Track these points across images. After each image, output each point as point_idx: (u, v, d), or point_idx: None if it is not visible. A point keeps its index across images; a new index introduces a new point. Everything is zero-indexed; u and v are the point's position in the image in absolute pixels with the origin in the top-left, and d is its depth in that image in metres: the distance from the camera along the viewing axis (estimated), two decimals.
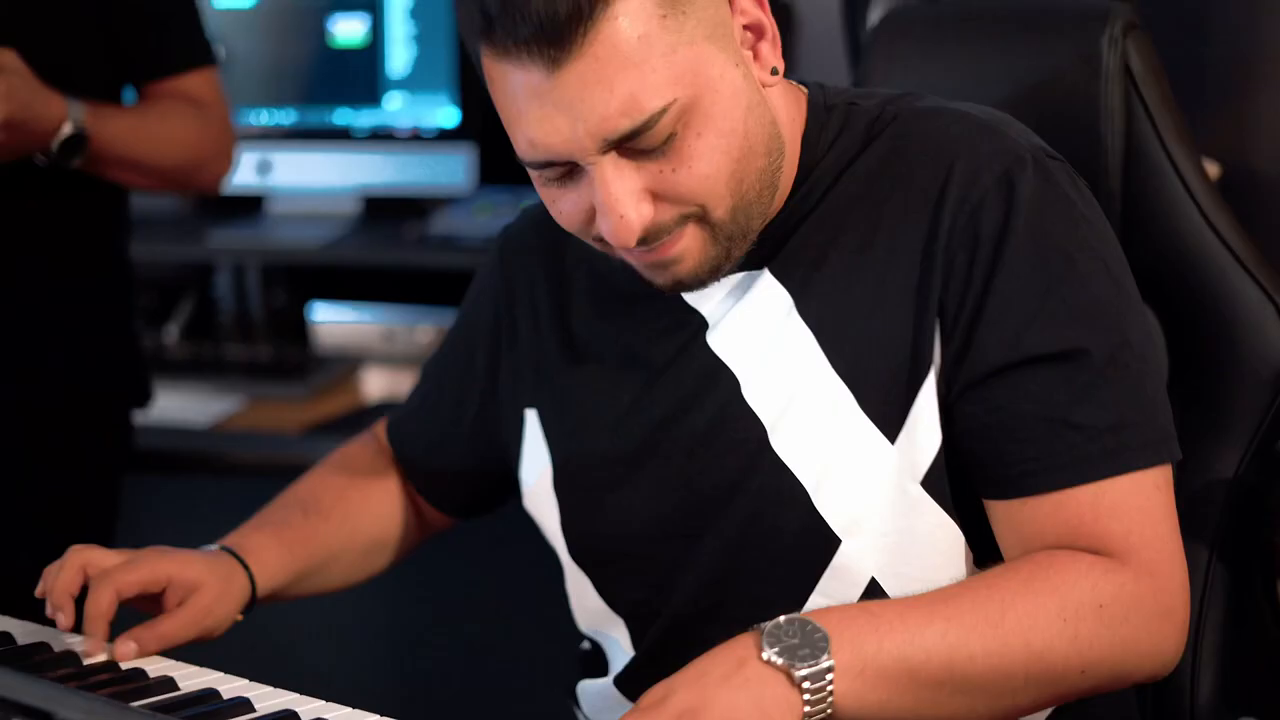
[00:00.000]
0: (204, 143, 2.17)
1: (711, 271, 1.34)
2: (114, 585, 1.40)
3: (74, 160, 2.00)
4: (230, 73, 2.99)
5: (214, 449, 2.52)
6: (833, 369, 1.34)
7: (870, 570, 1.34)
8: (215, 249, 2.97)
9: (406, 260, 2.88)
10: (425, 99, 2.91)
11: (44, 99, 1.95)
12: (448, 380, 1.61)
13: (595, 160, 1.26)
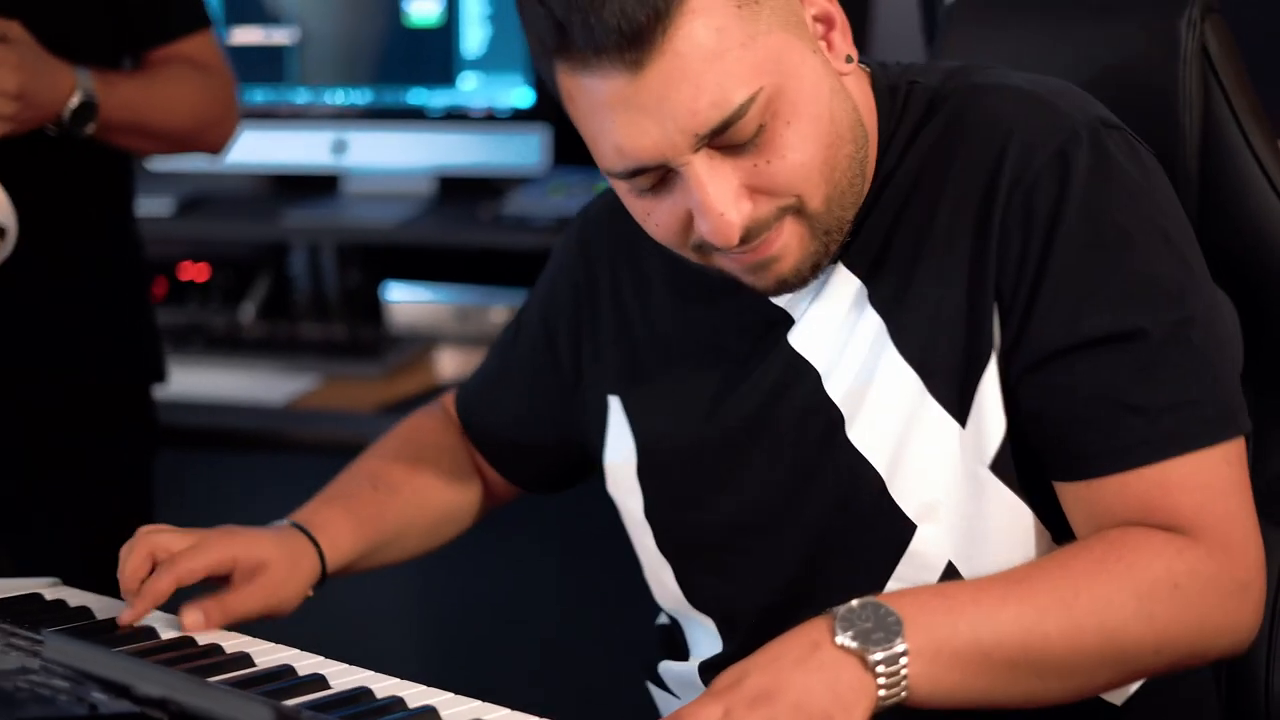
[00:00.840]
0: (210, 105, 2.18)
1: (813, 268, 1.33)
2: (176, 574, 1.42)
3: (85, 128, 2.01)
4: (306, 52, 3.01)
5: (288, 428, 2.54)
6: (901, 355, 1.34)
7: (946, 555, 1.34)
8: (291, 229, 2.99)
9: (480, 240, 2.88)
10: (500, 79, 2.92)
11: (53, 69, 1.96)
12: (523, 358, 1.61)
13: (688, 160, 1.25)
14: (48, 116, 1.97)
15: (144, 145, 2.17)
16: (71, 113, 1.98)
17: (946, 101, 1.38)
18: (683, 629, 1.51)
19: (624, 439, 1.49)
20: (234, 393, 2.63)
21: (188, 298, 3.07)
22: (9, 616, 1.39)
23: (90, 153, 2.10)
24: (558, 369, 1.57)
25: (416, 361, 2.76)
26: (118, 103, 2.03)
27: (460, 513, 1.67)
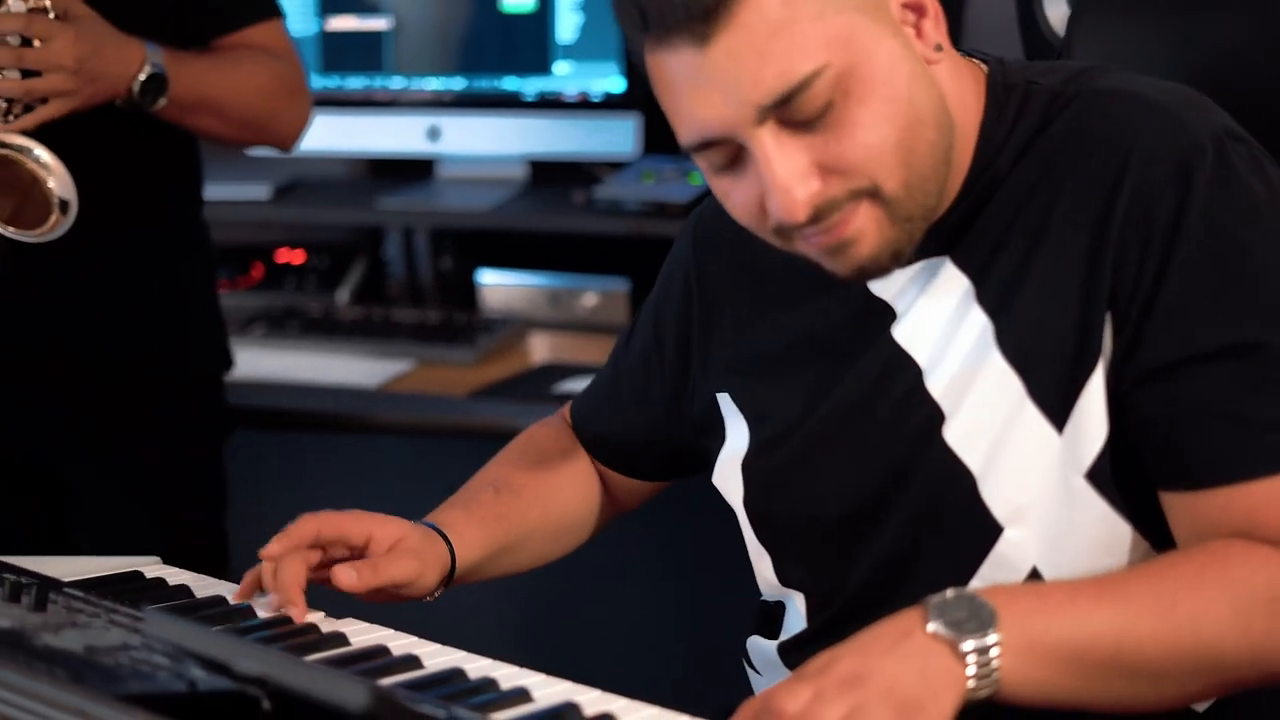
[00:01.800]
0: (279, 86, 2.18)
1: (892, 256, 1.32)
2: (318, 521, 1.45)
3: (155, 102, 2.01)
4: (401, 40, 3.03)
5: (381, 411, 2.56)
6: (1004, 357, 1.34)
7: (1031, 560, 1.34)
8: (385, 214, 3.01)
9: (572, 226, 2.89)
10: (592, 66, 2.93)
11: (117, 42, 1.97)
12: (635, 360, 1.63)
13: (753, 133, 1.26)
14: (116, 90, 1.98)
15: (215, 126, 2.15)
16: (141, 85, 1.98)
17: (1068, 105, 1.37)
18: (783, 610, 1.51)
19: (733, 433, 1.50)
20: (328, 376, 2.65)
21: (284, 282, 3.11)
22: (110, 594, 1.41)
23: (160, 136, 2.11)
24: (667, 367, 1.59)
25: (508, 346, 2.77)
26: (188, 78, 2.04)
27: (582, 520, 1.68)
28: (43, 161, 1.90)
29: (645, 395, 1.62)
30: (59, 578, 1.46)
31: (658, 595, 2.94)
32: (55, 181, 1.90)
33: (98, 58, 1.94)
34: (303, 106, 2.23)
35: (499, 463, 1.67)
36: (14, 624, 1.27)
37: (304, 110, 2.23)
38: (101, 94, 1.97)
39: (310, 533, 1.44)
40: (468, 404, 2.52)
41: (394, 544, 1.47)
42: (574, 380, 2.51)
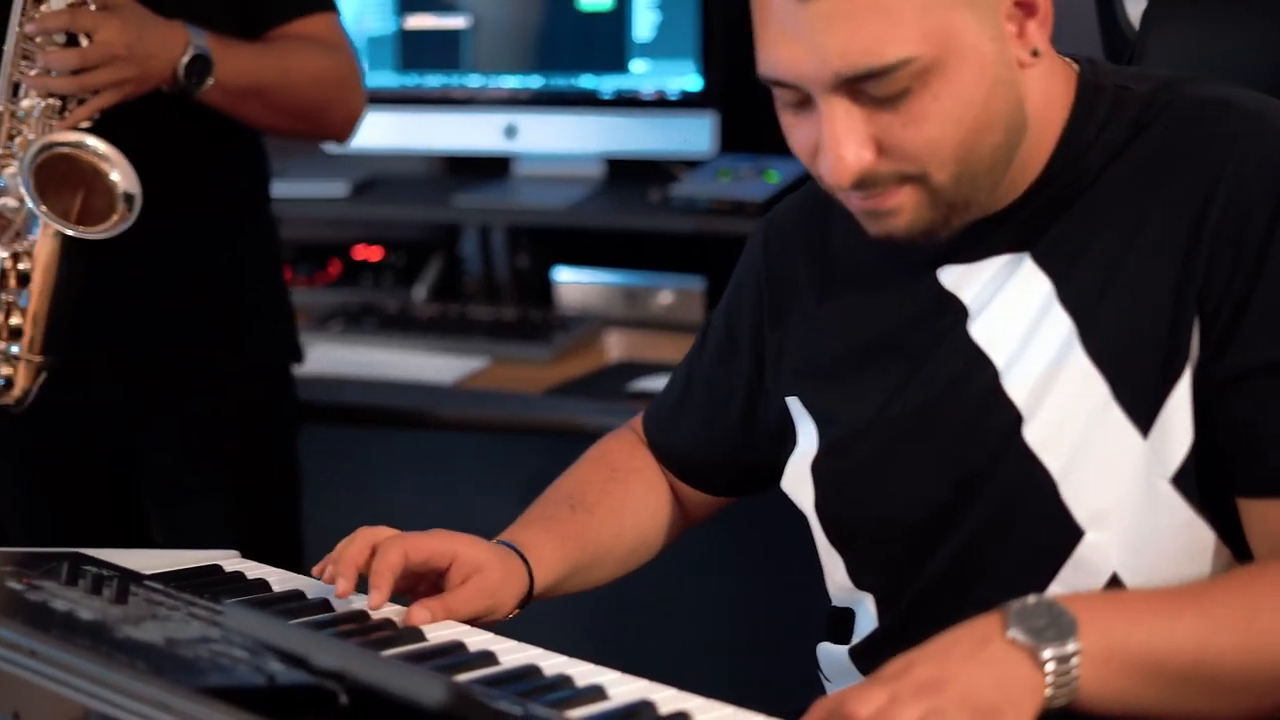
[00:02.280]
0: (332, 74, 2.17)
1: (925, 233, 1.34)
2: (403, 546, 1.43)
3: (201, 85, 2.01)
4: (479, 38, 3.04)
5: (458, 407, 2.57)
6: (1090, 359, 1.33)
7: (1113, 565, 1.33)
8: (462, 211, 3.02)
9: (648, 224, 2.90)
10: (669, 64, 2.92)
11: (161, 27, 1.98)
12: (707, 367, 1.63)
13: (825, 95, 1.28)
14: (163, 75, 1.98)
15: (265, 114, 2.14)
16: (185, 68, 1.99)
17: (1163, 112, 1.36)
18: (853, 616, 1.51)
19: (803, 436, 1.50)
20: (404, 373, 2.67)
21: (361, 279, 3.12)
22: (189, 587, 1.43)
23: (219, 127, 2.12)
24: (741, 374, 1.59)
25: (584, 343, 2.78)
26: (236, 63, 2.04)
27: (654, 536, 1.66)
28: (104, 155, 1.93)
29: (719, 404, 1.61)
30: (139, 570, 1.47)
31: (726, 599, 2.94)
32: (118, 174, 1.93)
33: (144, 43, 1.95)
34: (355, 97, 2.23)
35: (573, 477, 1.66)
36: (96, 616, 1.28)
37: (357, 101, 2.23)
38: (150, 80, 1.98)
39: (397, 563, 1.42)
40: (542, 401, 2.53)
41: (473, 570, 1.45)
42: (648, 378, 2.51)
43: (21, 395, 1.97)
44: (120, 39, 1.93)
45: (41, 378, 1.97)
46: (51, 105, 1.95)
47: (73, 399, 2.05)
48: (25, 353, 1.96)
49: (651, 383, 2.48)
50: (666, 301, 2.93)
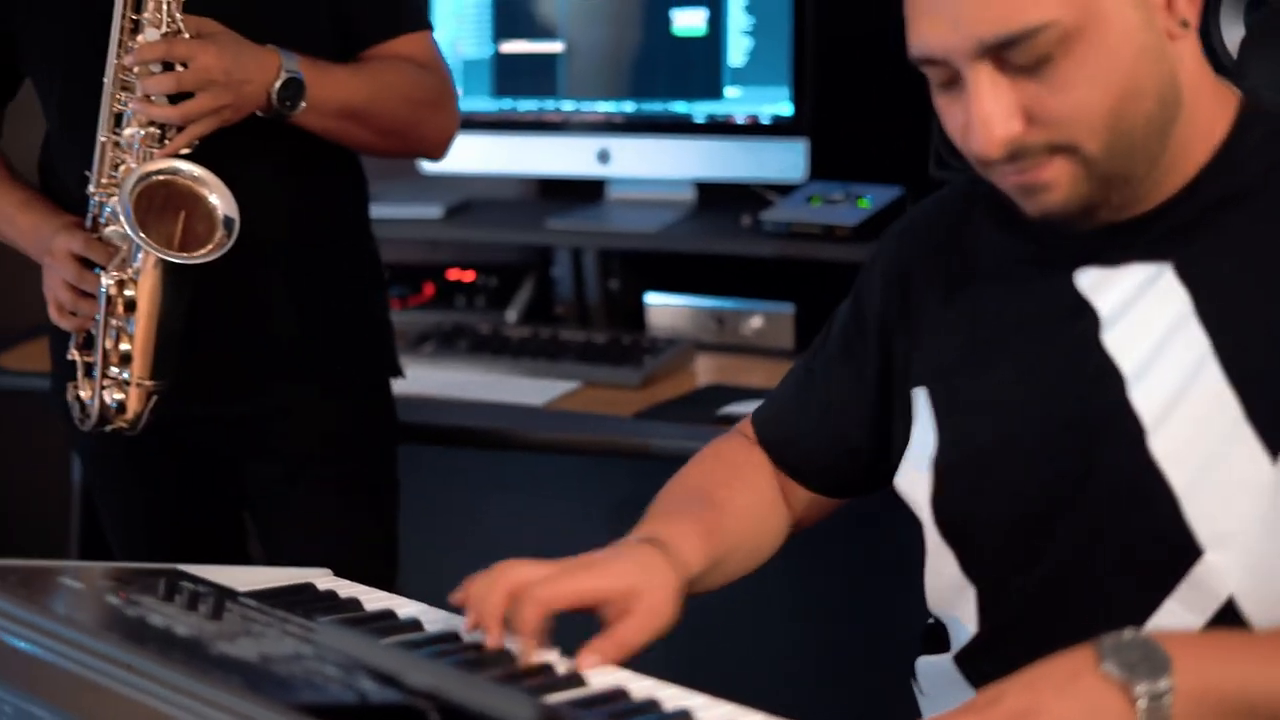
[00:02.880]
0: (425, 94, 2.19)
1: (1083, 210, 1.34)
2: (542, 604, 1.36)
3: (294, 109, 2.04)
4: (573, 63, 3.07)
5: (548, 429, 2.58)
6: (1225, 378, 1.32)
7: (1230, 587, 1.32)
8: (554, 234, 3.04)
9: (739, 248, 2.90)
10: (761, 91, 2.93)
11: (254, 52, 2.01)
12: (831, 364, 1.62)
13: (970, 65, 1.30)
14: (257, 100, 2.01)
15: (359, 135, 2.16)
16: (278, 92, 2.02)
17: None
18: (946, 627, 1.50)
19: (926, 430, 1.49)
20: (496, 394, 2.68)
21: (454, 300, 3.15)
22: (283, 604, 1.45)
23: (320, 149, 2.14)
24: (867, 365, 1.57)
25: (675, 367, 2.78)
26: (329, 86, 2.07)
27: (771, 537, 1.64)
28: (201, 180, 1.96)
29: (842, 399, 1.60)
30: (234, 587, 1.49)
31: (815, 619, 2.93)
32: (217, 198, 1.96)
33: (239, 69, 1.99)
34: (448, 116, 2.24)
35: (696, 474, 1.64)
36: (191, 631, 1.30)
37: (450, 120, 2.25)
38: (246, 106, 2.01)
39: (540, 624, 1.36)
40: (631, 424, 2.54)
41: (630, 599, 1.41)
42: (738, 403, 2.51)
43: (134, 418, 2.01)
44: (217, 65, 1.96)
45: (152, 401, 2.01)
46: (152, 134, 1.98)
47: (179, 417, 2.07)
48: (136, 378, 2.00)
49: (741, 407, 2.48)
50: (756, 326, 2.94)
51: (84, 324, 2.03)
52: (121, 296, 1.99)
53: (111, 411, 2.02)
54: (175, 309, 1.99)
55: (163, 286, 1.97)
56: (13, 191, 2.16)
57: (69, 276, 2.02)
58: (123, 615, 1.36)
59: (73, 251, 2.02)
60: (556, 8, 3.08)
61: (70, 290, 2.03)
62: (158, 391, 2.01)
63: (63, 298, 2.04)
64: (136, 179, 1.94)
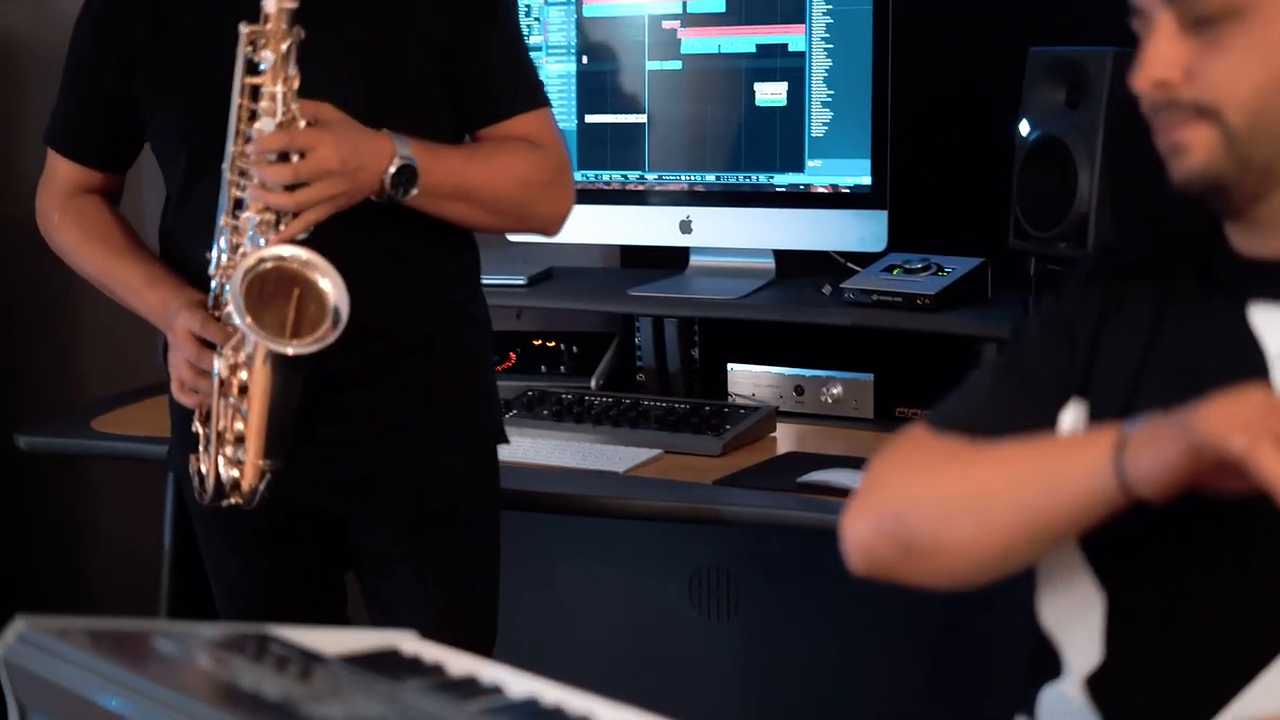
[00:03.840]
0: (538, 174, 2.21)
1: (1217, 184, 1.38)
2: None
3: (407, 193, 2.07)
4: (655, 134, 3.11)
5: (629, 495, 2.60)
6: None
7: None
8: (637, 302, 3.07)
9: (820, 317, 2.92)
10: (842, 162, 2.96)
11: (370, 139, 2.04)
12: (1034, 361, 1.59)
13: (1157, 11, 1.37)
14: (371, 185, 2.04)
15: (472, 215, 2.19)
16: (391, 178, 2.05)
17: None
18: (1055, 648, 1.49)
19: None
20: (578, 460, 2.71)
21: (537, 367, 3.19)
22: (370, 667, 1.47)
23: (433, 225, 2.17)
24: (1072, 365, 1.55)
25: (755, 435, 2.80)
26: (442, 168, 2.10)
27: None
28: (313, 265, 1.98)
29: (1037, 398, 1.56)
30: (322, 649, 1.52)
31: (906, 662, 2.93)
32: (328, 284, 1.97)
33: (356, 157, 2.02)
34: (563, 195, 2.26)
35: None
36: (280, 694, 1.33)
37: (565, 199, 2.27)
38: (360, 193, 2.04)
39: None
40: (712, 491, 2.55)
41: None
42: (818, 471, 2.53)
43: (250, 494, 2.04)
44: (334, 155, 1.99)
45: (267, 477, 2.03)
46: (268, 219, 2.01)
47: (290, 477, 2.10)
48: (250, 458, 2.02)
49: (820, 475, 2.50)
50: (836, 394, 2.96)
51: (203, 401, 2.06)
52: (235, 379, 2.01)
53: (227, 487, 2.04)
54: (288, 393, 2.01)
55: (274, 371, 1.99)
56: (140, 266, 2.21)
57: (189, 355, 2.05)
58: (214, 676, 1.39)
59: (192, 331, 2.05)
60: (640, 81, 3.12)
61: (190, 368, 2.06)
62: (271, 470, 2.03)
63: (184, 375, 2.07)
64: (247, 268, 1.96)
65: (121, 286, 2.22)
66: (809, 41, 2.97)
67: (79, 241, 2.26)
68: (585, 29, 3.16)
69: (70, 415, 3.12)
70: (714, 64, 3.07)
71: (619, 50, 3.14)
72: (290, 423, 2.02)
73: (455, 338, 2.28)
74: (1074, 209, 2.58)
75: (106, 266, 2.24)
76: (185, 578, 3.00)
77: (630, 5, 3.13)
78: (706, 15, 3.07)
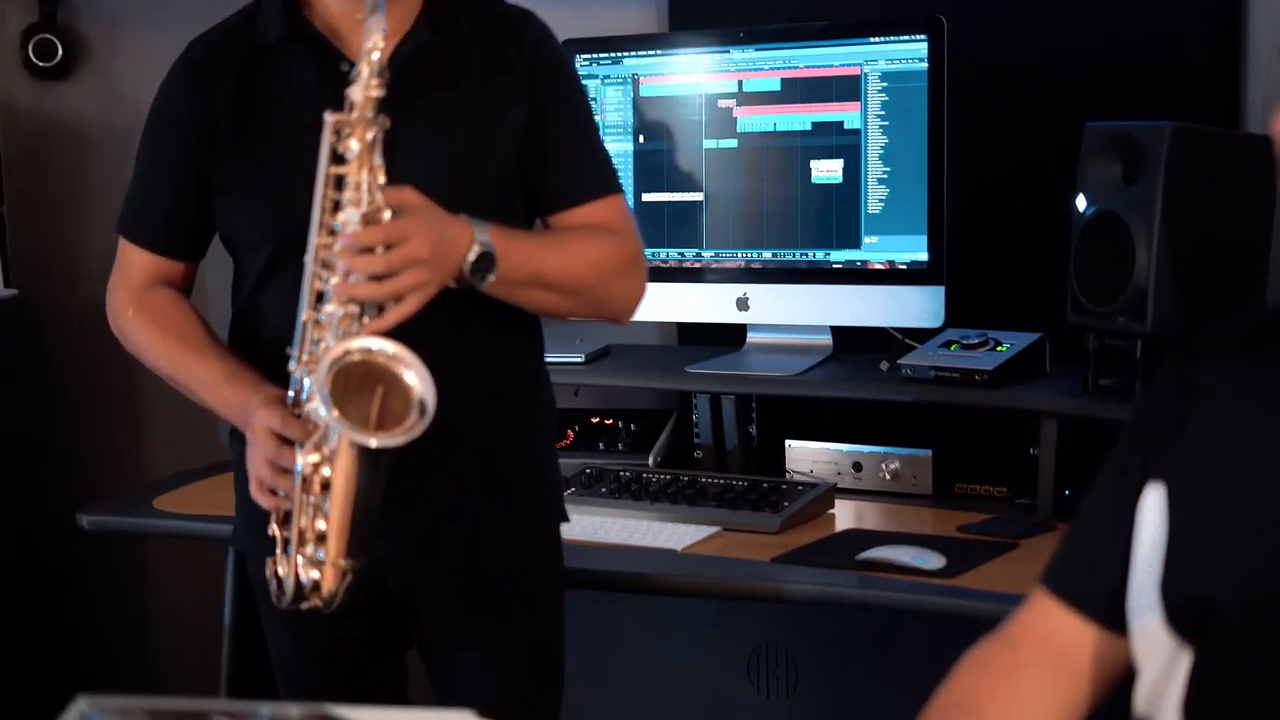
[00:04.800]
0: (611, 260, 2.19)
1: None
2: None
3: (485, 280, 2.05)
4: (712, 212, 3.13)
5: (687, 573, 2.60)
6: None
7: None
8: (694, 379, 3.08)
9: (878, 394, 2.92)
10: (898, 238, 2.97)
11: (452, 225, 2.02)
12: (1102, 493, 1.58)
13: None
14: (451, 272, 2.03)
15: (548, 301, 2.17)
16: (471, 265, 2.04)
17: None
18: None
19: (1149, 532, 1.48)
20: (636, 538, 2.71)
21: (595, 444, 3.20)
22: None
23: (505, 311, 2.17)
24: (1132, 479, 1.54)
25: (814, 512, 2.79)
26: (518, 254, 2.08)
27: None
28: (399, 359, 1.94)
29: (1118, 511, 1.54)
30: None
31: None
32: (414, 377, 1.94)
33: (443, 245, 2.01)
34: (637, 282, 2.24)
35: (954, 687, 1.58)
36: None
37: (638, 286, 2.25)
38: (445, 278, 2.03)
39: None
40: (771, 568, 2.55)
41: None
42: (876, 548, 2.52)
43: (329, 597, 2.00)
44: (425, 243, 1.98)
45: (348, 579, 2.00)
46: (351, 312, 1.98)
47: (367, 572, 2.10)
48: (331, 558, 1.99)
49: (880, 552, 2.49)
50: (895, 471, 2.95)
51: (282, 504, 2.02)
52: (317, 476, 1.98)
53: (307, 590, 2.01)
54: (371, 488, 1.98)
55: (358, 467, 1.96)
56: (218, 362, 2.17)
57: (268, 453, 2.02)
58: None
59: (272, 428, 2.02)
60: (697, 159, 3.14)
61: (270, 467, 2.02)
62: (353, 571, 2.00)
63: (263, 474, 2.04)
64: (334, 359, 1.93)
65: (198, 383, 2.19)
66: (864, 118, 2.99)
67: (154, 337, 2.23)
68: (642, 108, 3.19)
69: (133, 494, 3.14)
70: (770, 142, 3.09)
71: (675, 129, 3.16)
72: (373, 521, 2.00)
73: (521, 423, 2.29)
74: (1132, 284, 2.57)
75: (183, 363, 2.20)
76: (246, 655, 3.01)
77: (686, 85, 3.15)
78: (762, 94, 3.09)
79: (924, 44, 2.93)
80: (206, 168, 2.19)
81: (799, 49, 3.05)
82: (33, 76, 3.59)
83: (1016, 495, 2.86)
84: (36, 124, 3.64)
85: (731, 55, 3.12)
